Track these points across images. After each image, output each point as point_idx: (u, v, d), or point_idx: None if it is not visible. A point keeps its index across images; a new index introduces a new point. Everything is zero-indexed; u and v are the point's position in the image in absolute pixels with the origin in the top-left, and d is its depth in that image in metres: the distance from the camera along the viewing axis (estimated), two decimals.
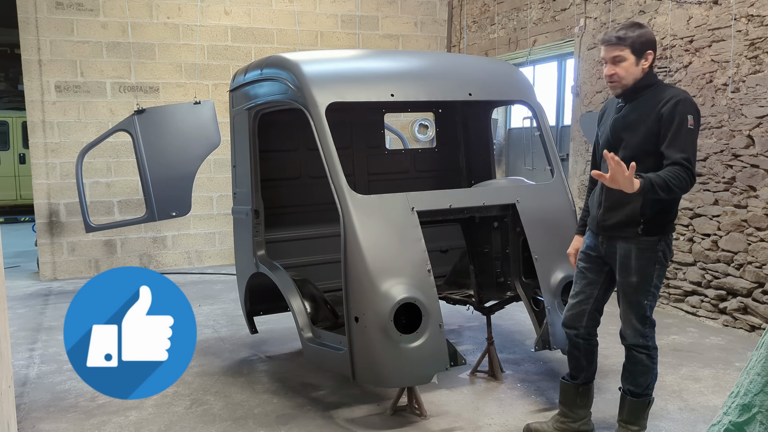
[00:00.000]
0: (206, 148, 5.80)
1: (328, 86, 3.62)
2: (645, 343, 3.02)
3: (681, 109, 2.81)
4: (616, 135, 3.00)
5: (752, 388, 1.88)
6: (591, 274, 3.15)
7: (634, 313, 3.00)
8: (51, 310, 6.21)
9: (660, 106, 2.85)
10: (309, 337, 3.75)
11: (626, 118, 2.97)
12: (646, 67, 2.91)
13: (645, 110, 2.90)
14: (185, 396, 3.99)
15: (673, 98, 2.84)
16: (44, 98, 7.53)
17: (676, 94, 2.86)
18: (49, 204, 7.64)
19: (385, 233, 3.35)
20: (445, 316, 3.63)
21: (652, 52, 2.91)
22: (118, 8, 7.70)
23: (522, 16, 7.74)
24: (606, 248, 3.05)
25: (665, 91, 2.91)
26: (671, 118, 2.81)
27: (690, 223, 5.50)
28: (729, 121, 5.10)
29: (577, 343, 3.21)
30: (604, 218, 3.02)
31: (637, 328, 3.00)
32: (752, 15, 4.88)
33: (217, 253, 8.44)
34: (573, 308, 3.20)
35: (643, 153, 2.88)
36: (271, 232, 4.65)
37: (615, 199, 2.96)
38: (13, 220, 13.96)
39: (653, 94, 2.91)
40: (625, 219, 2.94)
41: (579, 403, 3.26)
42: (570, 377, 3.29)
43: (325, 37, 8.70)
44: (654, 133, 2.85)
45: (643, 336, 3.01)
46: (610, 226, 3.01)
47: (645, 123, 2.88)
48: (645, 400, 3.09)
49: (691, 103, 2.85)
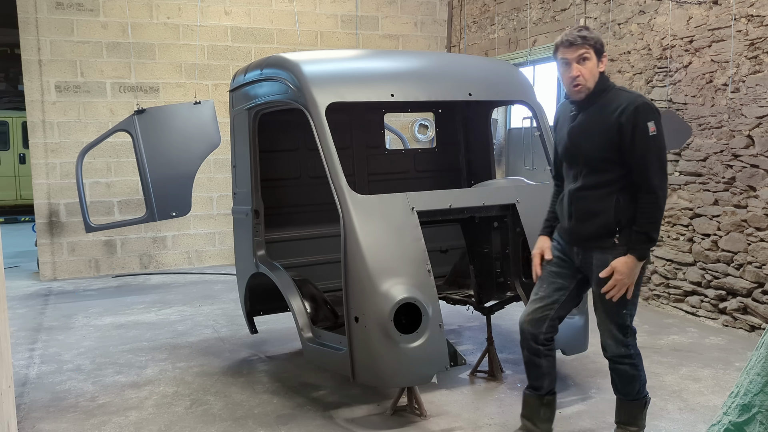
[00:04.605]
0: (206, 148, 5.79)
1: (328, 86, 3.62)
2: (627, 352, 2.94)
3: (641, 118, 2.72)
4: (574, 144, 2.89)
5: (752, 388, 1.88)
6: (561, 280, 3.01)
7: (614, 323, 2.91)
8: (51, 310, 6.22)
9: (617, 114, 2.75)
10: (309, 337, 3.75)
11: (582, 126, 2.86)
12: (603, 70, 2.85)
13: (601, 118, 2.80)
14: (185, 396, 3.99)
15: (629, 105, 2.74)
16: (44, 98, 7.53)
17: (632, 100, 2.76)
18: (49, 204, 7.64)
19: (385, 233, 3.35)
20: (445, 316, 3.63)
21: (606, 55, 2.87)
22: (118, 8, 7.70)
23: (522, 16, 7.74)
24: (582, 259, 2.95)
25: (620, 96, 2.81)
26: (631, 129, 2.72)
27: (690, 223, 5.50)
28: (729, 121, 5.10)
29: (536, 350, 3.01)
30: (578, 230, 2.92)
31: (618, 338, 2.92)
32: (752, 15, 4.88)
33: (217, 253, 8.44)
34: (535, 312, 3.01)
35: (603, 162, 2.80)
36: (271, 232, 4.65)
37: (586, 210, 2.87)
38: (13, 220, 13.97)
39: (608, 100, 2.81)
40: (599, 230, 2.84)
41: (543, 416, 3.11)
42: (532, 389, 3.11)
43: (325, 37, 8.70)
44: (614, 142, 2.75)
45: (624, 345, 2.93)
46: (584, 238, 2.91)
47: (603, 132, 2.78)
48: (640, 402, 3.04)
49: (648, 107, 2.75)
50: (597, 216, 2.84)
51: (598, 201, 2.84)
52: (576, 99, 2.88)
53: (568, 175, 2.98)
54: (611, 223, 2.82)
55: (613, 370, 3.00)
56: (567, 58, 2.80)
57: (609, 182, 2.80)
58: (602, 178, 2.82)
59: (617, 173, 2.79)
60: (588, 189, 2.86)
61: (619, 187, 2.80)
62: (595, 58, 2.81)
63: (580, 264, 2.98)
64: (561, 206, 3.02)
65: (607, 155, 2.79)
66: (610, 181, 2.80)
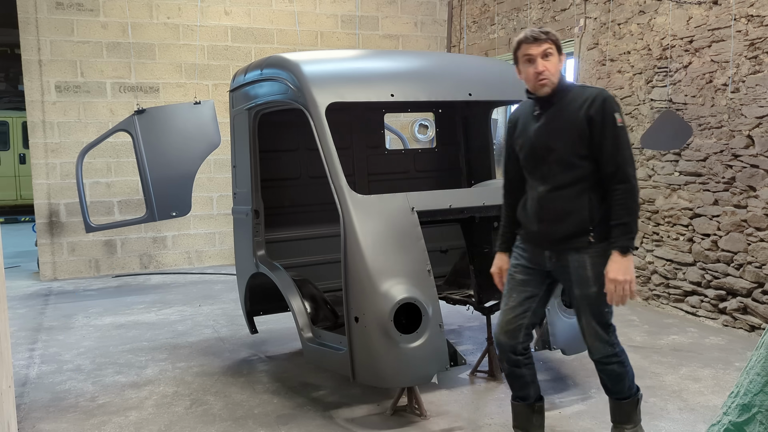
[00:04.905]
0: (206, 148, 5.80)
1: (328, 86, 3.62)
2: (613, 351, 2.90)
3: (609, 109, 2.74)
4: (543, 144, 2.86)
5: (752, 388, 1.88)
6: (530, 288, 2.96)
7: (598, 323, 2.87)
8: (51, 310, 6.22)
9: (586, 107, 2.76)
10: (309, 337, 3.75)
11: (551, 124, 2.85)
12: (561, 67, 2.86)
13: (569, 114, 2.80)
14: (185, 396, 3.99)
15: (597, 97, 2.76)
16: (44, 98, 7.53)
17: (599, 92, 2.79)
18: (49, 204, 7.64)
19: (385, 233, 3.35)
20: (445, 316, 3.63)
21: (564, 54, 2.87)
22: (118, 8, 7.70)
23: (522, 16, 7.74)
24: (555, 262, 2.88)
25: (585, 91, 2.82)
26: (601, 119, 2.73)
27: (690, 223, 5.50)
28: (729, 121, 5.10)
29: (516, 361, 2.98)
30: (551, 232, 2.85)
31: (603, 338, 2.88)
32: (752, 15, 4.88)
33: (217, 253, 8.44)
34: (508, 324, 2.96)
35: (575, 158, 2.79)
36: (271, 232, 4.65)
37: (558, 211, 2.83)
38: (13, 220, 13.97)
39: (573, 96, 2.82)
40: (574, 229, 2.80)
41: (536, 423, 3.07)
42: (520, 399, 3.08)
43: (325, 37, 8.70)
44: (584, 136, 2.76)
45: (610, 345, 2.89)
46: (559, 240, 2.84)
47: (573, 127, 2.77)
48: (633, 399, 3.01)
49: (614, 99, 2.80)
50: (570, 215, 2.81)
51: (570, 200, 2.80)
52: (542, 94, 2.86)
53: (534, 177, 2.92)
54: (585, 220, 2.79)
55: (601, 371, 2.97)
56: (531, 54, 2.81)
57: (580, 179, 2.78)
58: (573, 175, 2.79)
59: (588, 169, 2.77)
60: (560, 189, 2.82)
61: (590, 184, 2.79)
62: (557, 54, 2.82)
63: (552, 268, 2.91)
64: (525, 212, 2.96)
65: (578, 151, 2.78)
66: (582, 177, 2.78)
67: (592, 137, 2.75)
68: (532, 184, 2.93)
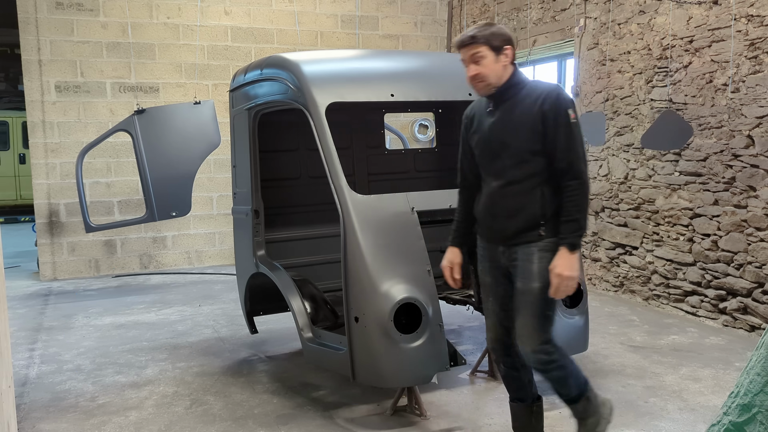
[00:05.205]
0: (206, 148, 5.80)
1: (328, 86, 3.62)
2: (548, 359, 2.75)
3: (562, 105, 2.72)
4: (497, 139, 2.85)
5: (752, 388, 1.88)
6: (501, 288, 2.92)
7: (535, 325, 2.75)
8: (51, 310, 6.21)
9: (540, 103, 2.74)
10: (309, 337, 3.75)
11: (505, 119, 2.83)
12: (508, 64, 2.81)
13: (523, 109, 2.77)
14: (185, 396, 3.99)
15: (551, 93, 2.74)
16: (44, 98, 7.53)
17: (552, 89, 2.77)
18: (49, 204, 7.64)
19: (385, 233, 3.35)
20: (445, 316, 3.63)
21: (510, 47, 2.80)
22: (118, 8, 7.70)
23: (522, 16, 7.74)
24: (508, 256, 2.85)
25: (539, 86, 2.81)
26: (554, 115, 2.71)
27: (690, 223, 5.50)
28: (729, 121, 5.10)
29: (512, 363, 2.95)
30: (504, 227, 2.84)
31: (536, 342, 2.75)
32: (752, 15, 4.88)
33: (217, 253, 8.44)
34: (497, 328, 2.94)
35: (529, 154, 2.77)
36: (271, 232, 4.65)
37: (511, 206, 2.82)
38: (13, 220, 13.97)
39: (528, 91, 2.80)
40: (524, 225, 2.78)
41: (535, 424, 3.06)
42: (518, 400, 3.05)
43: (325, 37, 8.70)
44: (537, 131, 2.74)
45: (545, 353, 2.75)
46: (511, 234, 2.82)
47: (527, 123, 2.75)
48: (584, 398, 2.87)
49: (567, 95, 2.78)
50: (522, 210, 2.79)
51: (523, 195, 2.79)
52: (484, 95, 2.88)
53: (488, 173, 2.91)
54: (537, 216, 2.77)
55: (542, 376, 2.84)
56: (463, 59, 2.85)
57: (533, 174, 2.77)
58: (526, 171, 2.77)
59: (541, 165, 2.76)
60: (513, 184, 2.81)
61: (543, 179, 2.77)
62: (491, 54, 2.79)
63: (506, 263, 2.88)
64: (480, 208, 2.96)
65: (532, 146, 2.76)
66: (534, 173, 2.76)
67: (546, 133, 2.73)
68: (487, 180, 2.93)
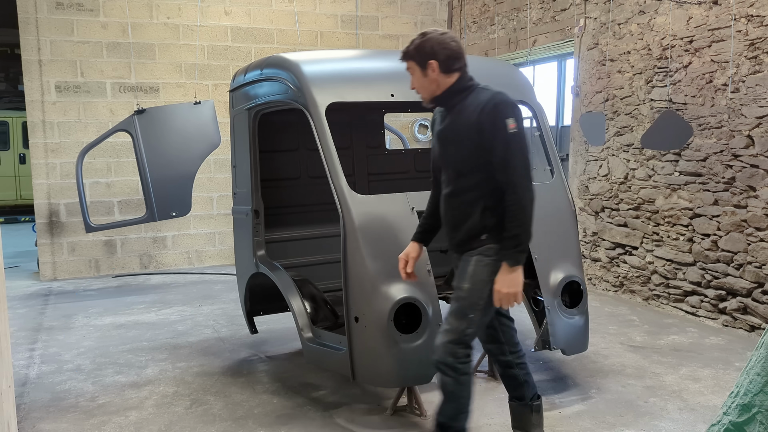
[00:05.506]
0: (206, 148, 5.80)
1: (328, 86, 3.62)
2: (454, 363, 2.70)
3: (500, 115, 2.63)
4: (443, 148, 2.82)
5: (752, 388, 1.88)
6: None
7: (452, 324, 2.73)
8: (51, 310, 6.22)
9: (478, 113, 2.67)
10: (309, 337, 3.75)
11: (449, 128, 2.80)
12: (439, 76, 2.74)
13: (463, 118, 2.73)
14: (185, 396, 3.99)
15: (488, 103, 2.66)
16: (44, 98, 7.53)
17: (491, 97, 2.68)
18: (49, 204, 7.64)
19: (385, 233, 3.35)
20: (445, 316, 3.63)
21: (433, 62, 2.73)
22: (118, 8, 7.70)
23: (522, 16, 7.74)
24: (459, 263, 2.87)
25: (480, 95, 2.72)
26: (491, 126, 2.64)
27: (690, 223, 5.50)
28: (729, 121, 5.10)
29: (507, 362, 2.98)
30: (451, 236, 2.86)
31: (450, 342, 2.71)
32: (752, 15, 4.88)
33: (217, 253, 8.44)
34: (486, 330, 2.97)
35: (468, 166, 2.72)
36: (271, 232, 4.65)
37: (454, 217, 2.81)
38: (13, 220, 13.96)
39: (471, 99, 2.73)
40: (467, 236, 2.78)
41: (534, 422, 3.06)
42: (516, 399, 3.06)
43: (325, 37, 8.70)
44: (476, 142, 2.68)
45: (453, 355, 2.70)
46: (458, 243, 2.84)
47: (467, 135, 2.70)
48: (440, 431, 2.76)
49: (507, 104, 2.66)
50: (464, 223, 2.78)
51: (465, 207, 2.77)
52: (426, 106, 2.88)
53: (443, 179, 2.90)
54: (477, 229, 2.74)
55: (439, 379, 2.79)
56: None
57: (474, 187, 2.72)
58: (468, 182, 2.74)
59: (482, 176, 2.70)
60: (457, 194, 2.80)
61: (484, 192, 2.71)
62: (418, 69, 2.78)
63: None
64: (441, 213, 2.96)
65: (471, 157, 2.71)
66: (475, 185, 2.72)
67: (484, 143, 2.66)
68: (442, 185, 2.92)
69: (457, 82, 2.78)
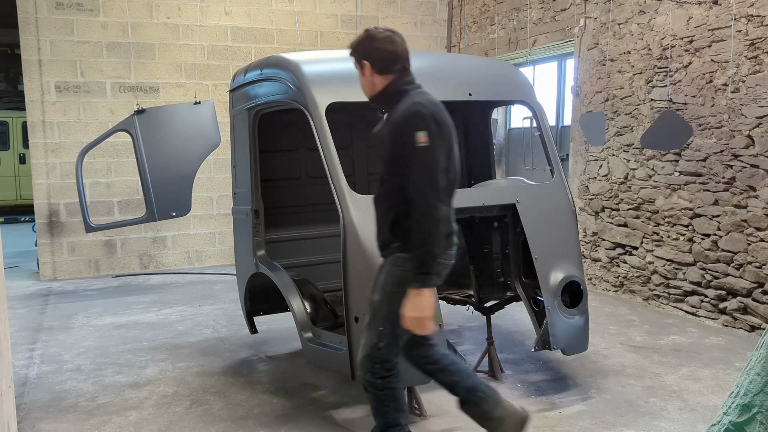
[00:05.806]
0: (206, 148, 5.80)
1: (328, 86, 3.62)
2: (371, 379, 2.63)
3: (410, 128, 2.53)
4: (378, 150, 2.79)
5: (752, 388, 1.88)
6: None
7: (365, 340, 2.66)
8: (51, 310, 6.21)
9: (393, 122, 2.63)
10: (309, 337, 3.75)
11: (378, 133, 2.77)
12: (374, 77, 2.70)
13: (386, 127, 2.69)
14: (185, 396, 3.99)
15: (403, 114, 2.58)
16: (44, 98, 7.53)
17: (407, 107, 2.58)
18: (49, 204, 7.64)
19: None
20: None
21: (364, 62, 2.70)
22: (118, 8, 7.70)
23: (522, 16, 7.74)
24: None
25: (401, 105, 2.64)
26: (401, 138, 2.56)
27: (690, 223, 5.50)
28: (729, 121, 5.10)
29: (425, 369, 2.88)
30: (376, 238, 2.82)
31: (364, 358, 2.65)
32: (752, 15, 4.88)
33: (217, 253, 8.44)
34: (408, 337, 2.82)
35: (389, 175, 2.66)
36: (271, 232, 4.65)
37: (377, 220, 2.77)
38: (13, 220, 13.96)
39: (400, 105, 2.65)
40: (383, 240, 2.75)
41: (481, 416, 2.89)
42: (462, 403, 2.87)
43: (325, 37, 8.70)
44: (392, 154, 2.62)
45: (369, 371, 2.63)
46: (378, 246, 2.82)
47: (386, 142, 2.66)
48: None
49: (418, 116, 2.54)
50: (381, 228, 2.76)
51: (384, 211, 2.75)
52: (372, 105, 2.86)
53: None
54: (388, 237, 2.70)
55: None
56: None
57: (390, 194, 2.68)
58: (386, 188, 2.71)
59: (397, 185, 2.62)
60: (379, 198, 2.78)
61: (397, 201, 2.65)
62: (358, 67, 2.77)
63: None
64: None
65: (390, 165, 2.66)
66: (392, 192, 2.67)
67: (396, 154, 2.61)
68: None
69: (391, 85, 2.71)
